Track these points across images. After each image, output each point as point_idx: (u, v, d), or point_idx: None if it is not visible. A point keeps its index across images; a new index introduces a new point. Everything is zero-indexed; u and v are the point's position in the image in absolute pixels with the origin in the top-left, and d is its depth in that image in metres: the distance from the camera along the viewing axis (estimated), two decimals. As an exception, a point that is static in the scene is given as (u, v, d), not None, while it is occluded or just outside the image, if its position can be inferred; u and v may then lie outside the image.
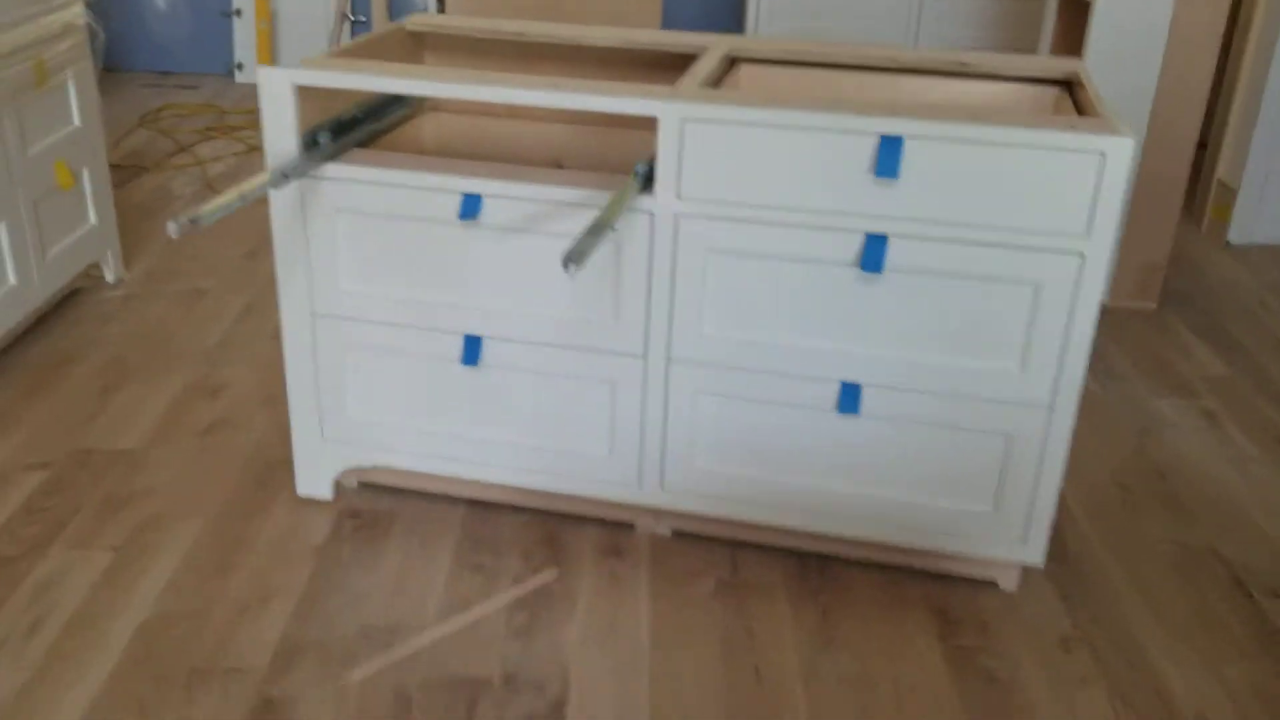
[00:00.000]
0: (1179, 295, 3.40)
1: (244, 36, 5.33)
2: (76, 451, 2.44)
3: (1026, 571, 2.13)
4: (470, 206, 1.93)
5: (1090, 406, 2.75)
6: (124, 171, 4.12)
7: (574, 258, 1.54)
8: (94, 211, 3.09)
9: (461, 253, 2.00)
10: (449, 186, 1.95)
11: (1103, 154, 1.69)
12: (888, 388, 1.93)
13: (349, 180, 1.99)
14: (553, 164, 2.37)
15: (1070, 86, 2.08)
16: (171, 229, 1.64)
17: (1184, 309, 3.32)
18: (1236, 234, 3.79)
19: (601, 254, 1.95)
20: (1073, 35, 3.33)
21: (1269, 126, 3.66)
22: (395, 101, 2.31)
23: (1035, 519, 1.97)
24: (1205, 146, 4.00)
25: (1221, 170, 3.85)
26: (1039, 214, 1.75)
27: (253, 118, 4.84)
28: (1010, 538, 2.00)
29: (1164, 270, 3.27)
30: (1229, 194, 3.80)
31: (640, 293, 1.95)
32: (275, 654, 1.90)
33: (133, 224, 3.67)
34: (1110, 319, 3.23)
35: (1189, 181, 4.08)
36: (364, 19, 5.29)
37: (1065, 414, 1.88)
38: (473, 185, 1.93)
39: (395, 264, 2.04)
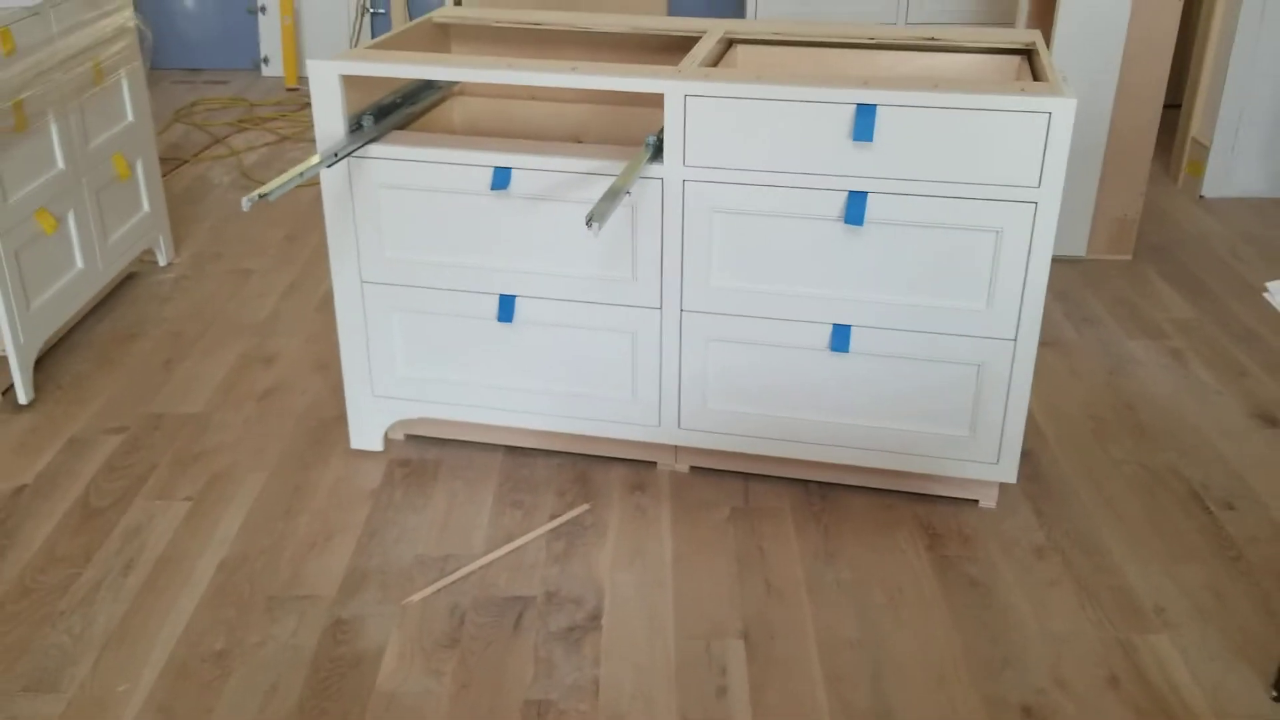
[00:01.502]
0: (1153, 247, 3.64)
1: (269, 32, 5.59)
2: (149, 416, 2.71)
3: (1004, 491, 2.39)
4: (501, 178, 2.19)
5: (1066, 349, 3.00)
6: (165, 164, 4.38)
7: (595, 217, 1.80)
8: (147, 200, 3.36)
9: (495, 221, 2.26)
10: (482, 161, 2.20)
11: (1049, 114, 1.94)
12: (873, 327, 2.19)
13: (392, 159, 2.24)
14: (572, 140, 2.62)
15: (1029, 54, 2.32)
16: (245, 204, 1.90)
17: (1158, 259, 3.56)
18: (1210, 188, 4.03)
19: (620, 217, 2.21)
20: (1046, 6, 3.56)
21: (1237, 85, 3.89)
22: (428, 87, 2.57)
23: (1007, 440, 2.22)
24: (1180, 107, 4.22)
25: (1195, 129, 4.08)
26: (996, 169, 2.01)
27: (281, 109, 5.10)
28: (986, 458, 2.25)
29: (1138, 223, 3.51)
30: (1202, 151, 4.03)
31: (654, 251, 2.21)
32: (342, 582, 2.17)
33: (178, 211, 3.93)
34: (1087, 270, 3.48)
35: (1165, 140, 4.32)
36: (383, 10, 5.54)
37: (1028, 345, 2.14)
38: (503, 159, 2.19)
39: (435, 233, 2.30)
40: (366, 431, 2.54)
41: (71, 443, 2.60)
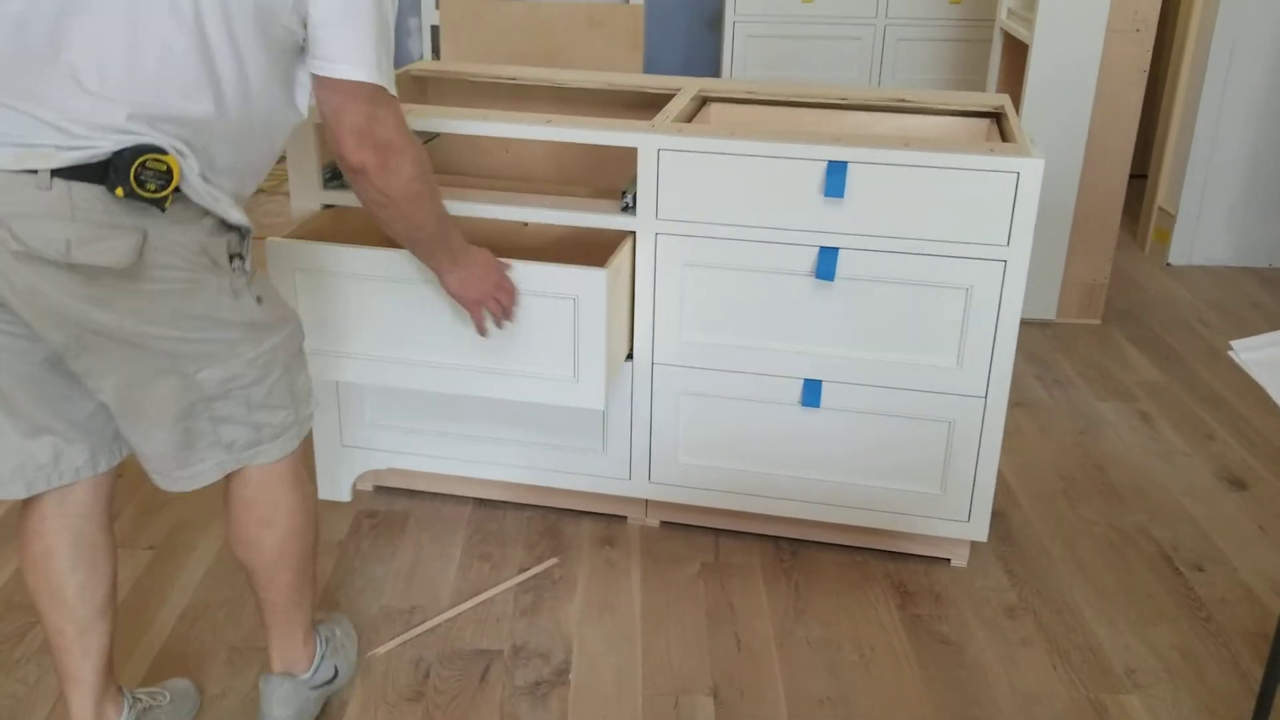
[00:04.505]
0: (1122, 312, 3.68)
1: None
2: (114, 464, 2.67)
3: (975, 550, 2.38)
4: (475, 230, 2.19)
5: (1038, 410, 3.02)
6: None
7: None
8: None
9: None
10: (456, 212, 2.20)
11: (1018, 173, 1.97)
12: (844, 383, 2.19)
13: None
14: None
15: (998, 117, 2.36)
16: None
17: (1126, 324, 3.60)
18: (1176, 256, 4.09)
19: (591, 271, 2.21)
20: (1014, 73, 3.62)
21: (1202, 157, 3.96)
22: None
23: (978, 498, 2.22)
24: (1146, 176, 4.29)
25: (1161, 198, 4.14)
26: (966, 227, 2.03)
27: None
28: (957, 516, 2.25)
29: (1106, 289, 3.55)
30: (1168, 219, 4.10)
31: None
32: (305, 633, 2.13)
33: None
34: (1058, 333, 3.51)
35: (1133, 209, 4.38)
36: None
37: (998, 402, 2.14)
38: (461, 209, 2.20)
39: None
40: (334, 482, 2.52)
41: (34, 491, 2.56)
